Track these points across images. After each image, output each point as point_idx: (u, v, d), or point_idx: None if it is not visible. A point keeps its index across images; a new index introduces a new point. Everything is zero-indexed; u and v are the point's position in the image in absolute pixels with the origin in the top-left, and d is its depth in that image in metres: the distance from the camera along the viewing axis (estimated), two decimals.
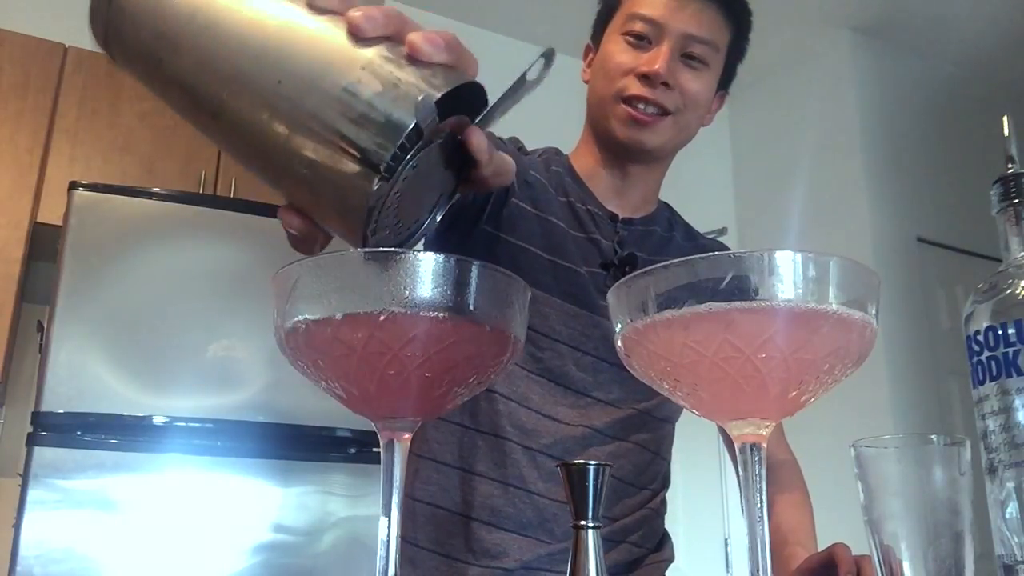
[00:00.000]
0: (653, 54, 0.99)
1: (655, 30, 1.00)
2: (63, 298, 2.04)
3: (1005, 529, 0.60)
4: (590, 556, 0.56)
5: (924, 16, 3.22)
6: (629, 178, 1.07)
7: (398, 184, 0.46)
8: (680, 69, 1.00)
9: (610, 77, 1.01)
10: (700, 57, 1.01)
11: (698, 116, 1.05)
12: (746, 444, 0.46)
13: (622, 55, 1.01)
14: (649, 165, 1.07)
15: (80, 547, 1.90)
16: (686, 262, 0.44)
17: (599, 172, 1.08)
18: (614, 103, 1.01)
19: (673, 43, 0.99)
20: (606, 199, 1.07)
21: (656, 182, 1.12)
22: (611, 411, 1.01)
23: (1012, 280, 0.63)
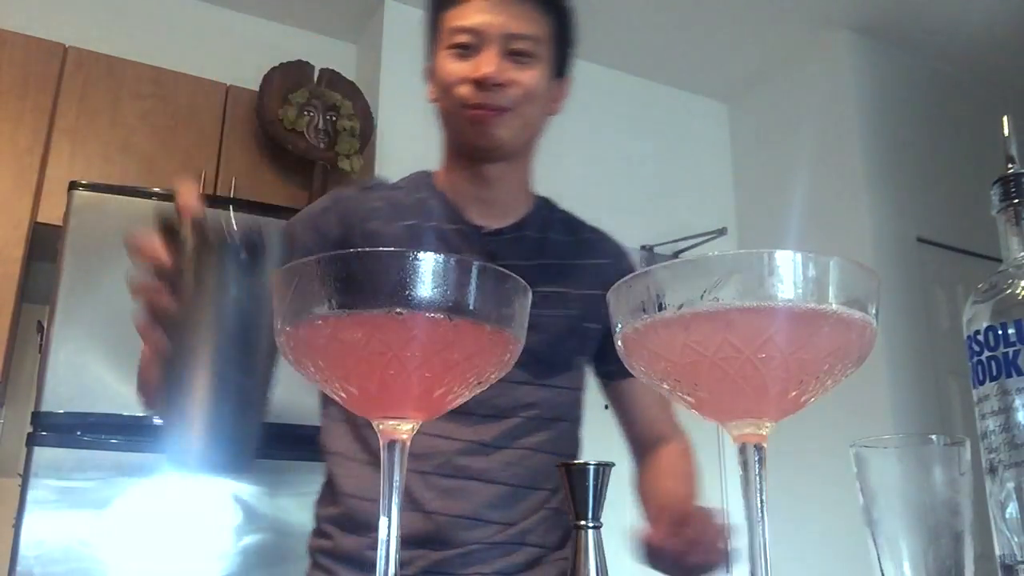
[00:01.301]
0: (479, 60, 1.03)
1: (476, 38, 1.04)
2: (63, 298, 2.04)
3: (1005, 529, 0.60)
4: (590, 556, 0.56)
5: (924, 16, 3.22)
6: (490, 183, 1.10)
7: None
8: (509, 67, 1.04)
9: (448, 91, 1.05)
10: (525, 51, 1.05)
11: (540, 107, 1.09)
12: (746, 444, 0.46)
13: (452, 67, 1.05)
14: (509, 164, 1.10)
15: (80, 547, 1.90)
16: (686, 262, 0.44)
17: (462, 185, 1.11)
18: (460, 112, 1.05)
19: (496, 45, 1.04)
20: (473, 212, 1.11)
21: (521, 182, 1.14)
22: (497, 423, 1.04)
23: (1012, 280, 0.63)
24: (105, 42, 2.75)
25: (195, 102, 2.77)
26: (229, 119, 2.80)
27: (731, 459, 3.28)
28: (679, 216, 3.47)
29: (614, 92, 3.54)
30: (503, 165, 1.09)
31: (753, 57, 3.51)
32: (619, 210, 3.43)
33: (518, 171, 1.13)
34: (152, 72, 2.74)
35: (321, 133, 2.82)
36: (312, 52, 3.04)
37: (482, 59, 1.03)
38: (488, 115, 1.03)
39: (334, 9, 3.23)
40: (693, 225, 3.44)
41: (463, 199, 1.11)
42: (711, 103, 3.82)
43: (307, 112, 2.82)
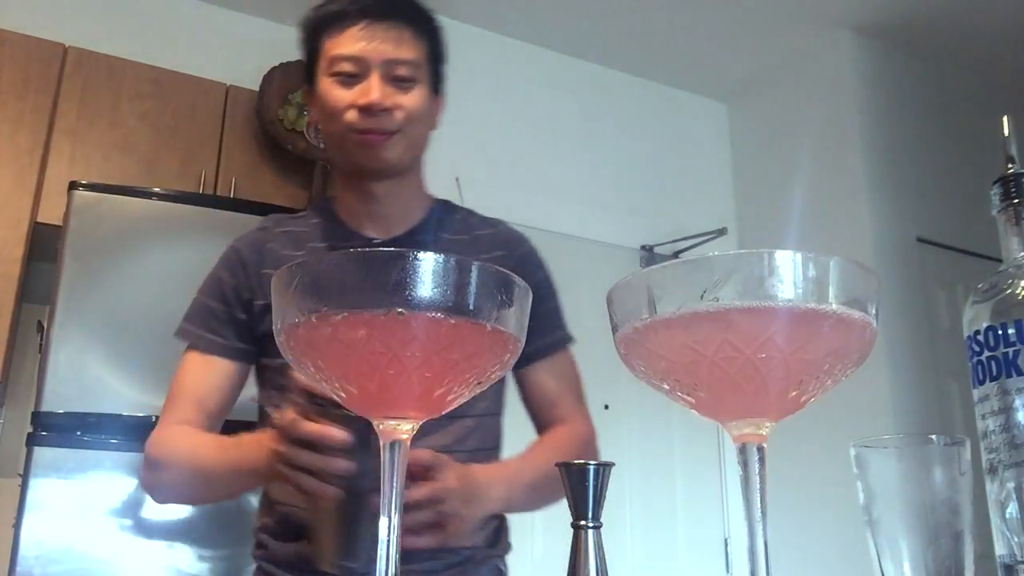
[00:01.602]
0: (364, 87, 1.06)
1: (359, 66, 1.07)
2: (63, 298, 2.04)
3: (1005, 529, 0.60)
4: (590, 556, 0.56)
5: (924, 16, 3.22)
6: (379, 199, 1.14)
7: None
8: (393, 92, 1.07)
9: (334, 116, 1.08)
10: (407, 77, 1.08)
11: (424, 126, 1.13)
12: (746, 444, 0.46)
13: (337, 94, 1.08)
14: (398, 180, 1.13)
15: (80, 547, 1.90)
16: (686, 262, 0.44)
17: (355, 205, 1.16)
18: (347, 136, 1.08)
19: (379, 71, 1.07)
20: (369, 227, 1.15)
21: (412, 192, 1.18)
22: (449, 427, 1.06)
23: (1012, 280, 0.63)
24: (105, 42, 2.75)
25: (195, 102, 2.77)
26: (229, 119, 2.80)
27: (731, 459, 3.28)
28: (679, 216, 3.47)
29: (614, 92, 3.55)
30: (391, 182, 1.13)
31: (753, 57, 3.51)
32: (619, 210, 3.43)
33: (406, 185, 1.16)
34: (152, 72, 2.74)
35: (321, 133, 2.82)
36: None
37: (366, 86, 1.06)
38: (376, 139, 1.07)
39: None
40: (693, 225, 3.44)
41: (356, 216, 1.16)
42: (711, 103, 3.82)
43: (307, 112, 2.82)
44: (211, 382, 1.14)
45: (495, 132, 3.19)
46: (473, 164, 2.92)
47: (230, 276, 1.15)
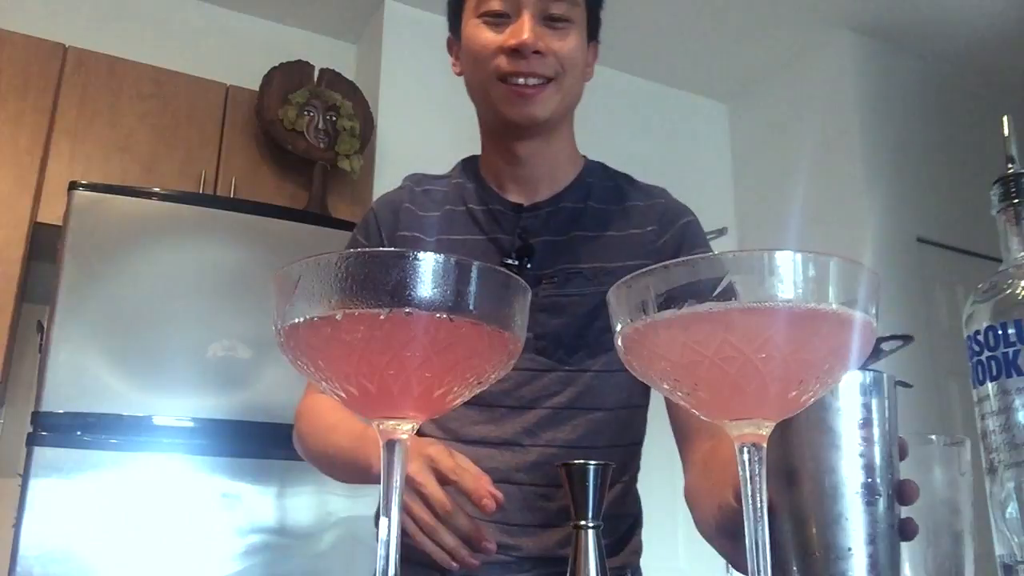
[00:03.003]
0: (516, 26, 0.97)
1: (510, 3, 0.98)
2: (63, 298, 2.04)
3: (1005, 529, 0.60)
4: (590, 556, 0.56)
5: (924, 16, 3.22)
6: (523, 161, 1.05)
7: None
8: (546, 34, 0.98)
9: (480, 61, 0.99)
10: (562, 16, 0.99)
11: (578, 74, 1.03)
12: (746, 444, 0.46)
13: (485, 36, 0.99)
14: (544, 139, 1.04)
15: (80, 547, 1.90)
16: (686, 262, 0.44)
17: (498, 165, 1.07)
18: (493, 85, 0.99)
19: (532, 10, 0.98)
20: (512, 190, 1.06)
21: (559, 152, 1.08)
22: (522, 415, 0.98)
23: (1012, 280, 0.63)
24: (105, 42, 2.75)
25: (195, 102, 2.77)
26: (229, 119, 2.80)
27: None
28: None
29: (614, 92, 3.54)
30: (537, 141, 1.04)
31: (753, 57, 3.51)
32: None
33: (555, 144, 1.06)
34: (152, 72, 2.74)
35: (321, 133, 2.82)
36: (312, 52, 3.04)
37: (518, 25, 0.97)
38: (526, 92, 0.97)
39: (334, 9, 3.23)
40: None
41: (499, 178, 1.07)
42: (711, 103, 3.81)
43: (307, 112, 2.82)
44: None
45: None
46: None
47: (364, 238, 1.09)
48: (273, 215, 2.33)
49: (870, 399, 0.60)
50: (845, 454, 0.58)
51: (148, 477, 1.99)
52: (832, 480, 0.58)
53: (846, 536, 0.57)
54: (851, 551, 0.57)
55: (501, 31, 0.98)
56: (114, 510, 1.94)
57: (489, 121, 1.05)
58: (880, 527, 0.57)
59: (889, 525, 0.58)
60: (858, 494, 0.57)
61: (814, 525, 0.58)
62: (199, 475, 2.04)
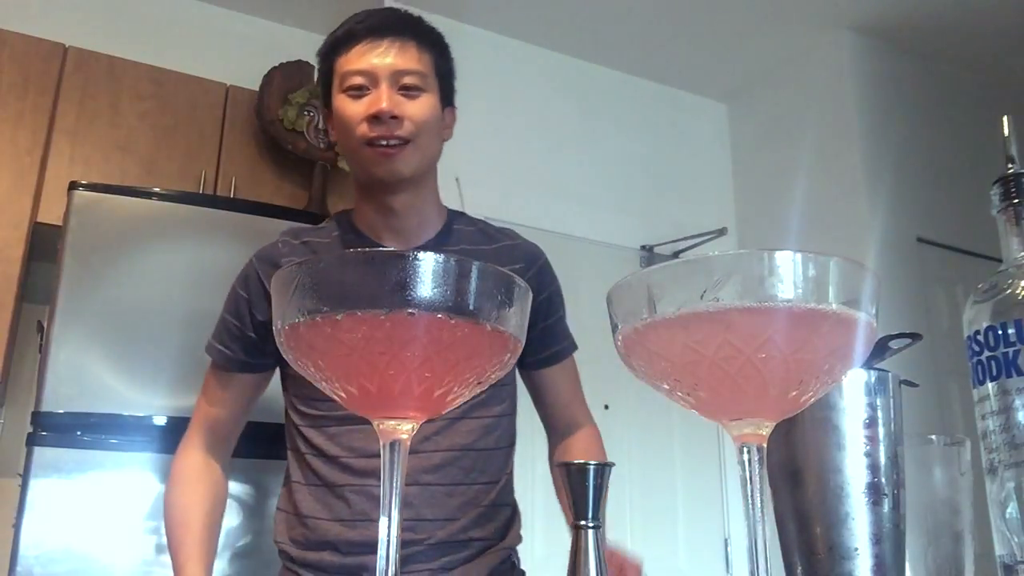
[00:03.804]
0: (374, 96, 1.12)
1: (368, 78, 1.13)
2: (63, 298, 2.04)
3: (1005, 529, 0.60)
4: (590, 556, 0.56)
5: (924, 16, 3.22)
6: (397, 212, 1.18)
7: None
8: (401, 101, 1.12)
9: (348, 130, 1.14)
10: (414, 86, 1.14)
11: (434, 135, 1.17)
12: (746, 444, 0.46)
13: (350, 108, 1.13)
14: (413, 192, 1.17)
15: (80, 547, 1.90)
16: (685, 262, 0.44)
17: (373, 218, 1.20)
18: (360, 149, 1.13)
19: (387, 82, 1.12)
20: (388, 239, 1.19)
21: (427, 203, 1.21)
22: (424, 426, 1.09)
23: (1012, 280, 0.63)
24: (105, 42, 2.75)
25: (195, 102, 2.77)
26: (229, 119, 2.80)
27: (731, 459, 3.28)
28: (679, 216, 3.47)
29: (614, 92, 3.54)
30: (407, 194, 1.17)
31: (753, 57, 3.50)
32: (619, 210, 3.43)
33: (422, 195, 1.20)
34: (152, 72, 2.74)
35: (321, 133, 2.82)
36: (312, 52, 3.01)
37: (376, 95, 1.12)
38: (388, 152, 1.11)
39: (334, 9, 3.22)
40: (693, 225, 3.44)
41: (375, 229, 1.20)
42: (711, 103, 3.81)
43: (307, 112, 2.82)
44: (228, 396, 1.23)
45: (495, 132, 3.19)
46: (473, 164, 2.92)
47: (243, 291, 1.20)
48: (273, 215, 2.33)
49: (875, 398, 0.60)
50: (850, 454, 0.58)
51: (148, 477, 1.99)
52: (837, 480, 0.58)
53: (852, 536, 0.57)
54: (857, 551, 0.57)
55: (362, 101, 1.13)
56: (114, 510, 1.94)
57: (361, 179, 1.18)
58: (886, 527, 0.57)
59: (894, 525, 0.58)
60: (863, 494, 0.57)
61: (819, 525, 0.58)
62: None
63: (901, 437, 0.61)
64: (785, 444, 0.60)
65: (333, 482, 1.14)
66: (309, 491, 1.17)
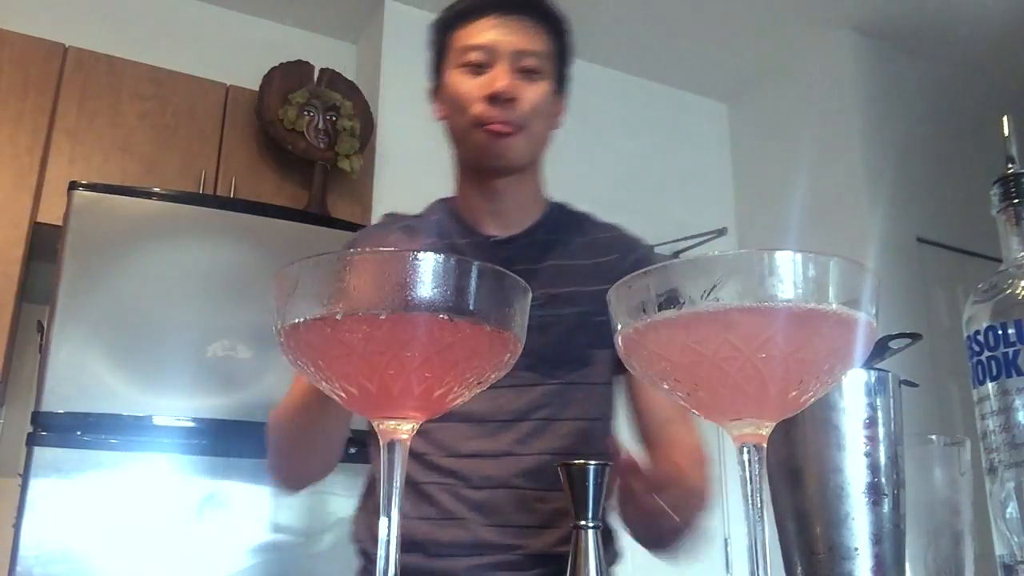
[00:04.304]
0: (493, 75, 1.07)
1: (488, 55, 1.08)
2: (63, 298, 2.04)
3: (1005, 529, 0.60)
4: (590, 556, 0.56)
5: (924, 16, 3.22)
6: (500, 196, 1.14)
7: None
8: (519, 84, 1.07)
9: (461, 108, 1.09)
10: (534, 68, 1.09)
11: (546, 122, 1.13)
12: (746, 444, 0.46)
13: (465, 85, 1.09)
14: (517, 177, 1.13)
15: (80, 547, 1.90)
16: (686, 262, 0.44)
17: (475, 202, 1.16)
18: (472, 130, 1.08)
19: (508, 62, 1.08)
20: (488, 225, 1.15)
21: (530, 190, 1.18)
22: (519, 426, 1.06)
23: (1012, 280, 0.63)
24: (105, 42, 2.75)
25: (195, 102, 2.77)
26: (229, 119, 2.80)
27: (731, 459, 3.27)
28: (679, 216, 3.47)
29: (614, 92, 3.54)
30: (512, 179, 1.13)
31: (753, 57, 3.50)
32: (619, 210, 3.42)
33: (527, 182, 1.16)
34: (152, 72, 2.74)
35: (321, 133, 2.82)
36: (312, 52, 3.03)
37: (494, 74, 1.07)
38: (500, 136, 1.06)
39: (334, 9, 3.23)
40: (693, 225, 3.44)
41: (476, 214, 1.15)
42: (711, 103, 3.81)
43: (307, 112, 2.82)
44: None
45: None
46: None
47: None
48: (273, 215, 2.33)
49: (875, 398, 0.60)
50: (850, 453, 0.58)
51: (148, 477, 1.99)
52: (837, 480, 0.58)
53: (852, 536, 0.57)
54: (857, 551, 0.57)
55: (479, 80, 1.08)
56: (114, 510, 1.94)
57: (467, 161, 1.14)
58: (886, 527, 0.57)
59: (894, 525, 0.58)
60: (863, 494, 0.57)
61: (819, 525, 0.58)
62: (199, 475, 2.04)
63: (901, 437, 0.61)
64: (785, 444, 0.60)
65: (417, 480, 1.07)
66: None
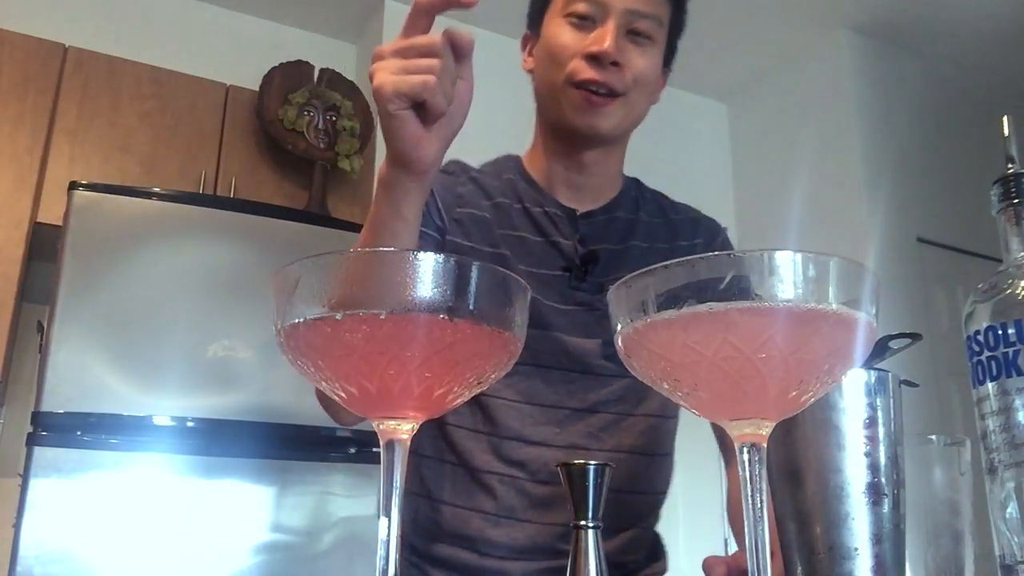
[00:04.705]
0: (599, 33, 0.95)
1: (598, 9, 0.97)
2: (63, 298, 2.04)
3: (1005, 529, 0.60)
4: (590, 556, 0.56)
5: (924, 16, 3.22)
6: (585, 168, 1.04)
7: None
8: (627, 47, 0.97)
9: (557, 62, 0.97)
10: (645, 32, 0.98)
11: (647, 95, 1.02)
12: (746, 444, 0.46)
13: (567, 37, 0.97)
14: (605, 149, 1.04)
15: (80, 547, 1.90)
16: (686, 262, 0.44)
17: (554, 168, 1.05)
18: (565, 89, 0.97)
19: (618, 20, 0.96)
20: (564, 195, 1.05)
21: (616, 164, 1.09)
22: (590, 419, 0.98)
23: (1012, 280, 0.63)
24: (105, 42, 2.75)
25: (195, 102, 2.77)
26: (229, 119, 2.80)
27: None
28: None
29: None
30: (599, 151, 1.03)
31: (753, 57, 3.50)
32: None
33: (613, 156, 1.07)
34: (152, 72, 2.74)
35: (321, 133, 2.82)
36: (312, 52, 3.04)
37: (601, 32, 0.95)
38: (597, 101, 0.96)
39: (334, 9, 3.23)
40: None
41: (553, 182, 1.05)
42: (711, 103, 3.81)
43: (307, 112, 2.82)
44: None
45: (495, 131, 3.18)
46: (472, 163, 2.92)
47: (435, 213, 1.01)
48: (273, 215, 2.33)
49: (875, 398, 0.60)
50: (850, 453, 0.58)
51: (148, 477, 1.99)
52: (837, 480, 0.58)
53: (852, 536, 0.57)
54: (857, 551, 0.57)
55: (583, 35, 0.97)
56: (114, 510, 1.94)
57: (552, 123, 1.03)
58: (886, 527, 0.57)
59: (894, 525, 0.58)
60: (863, 494, 0.57)
61: (819, 525, 0.58)
62: (199, 475, 2.04)
63: (901, 437, 0.61)
64: (785, 444, 0.60)
65: (477, 466, 0.96)
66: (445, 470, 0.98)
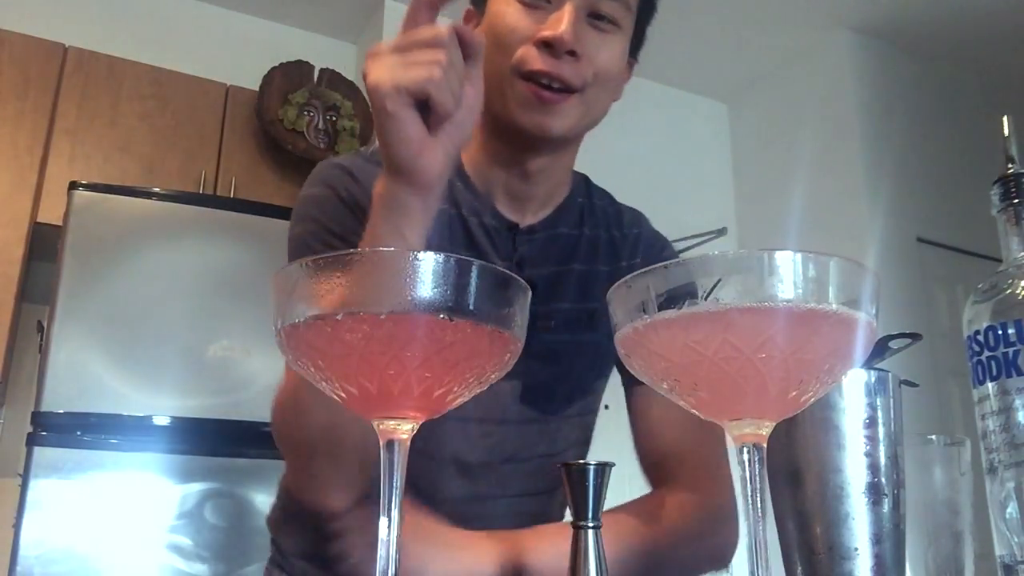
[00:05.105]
0: (555, 16, 0.79)
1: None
2: (63, 298, 2.04)
3: (1005, 529, 0.60)
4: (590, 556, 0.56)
5: (924, 16, 3.22)
6: (530, 177, 0.88)
7: None
8: (588, 34, 0.81)
9: (503, 47, 0.80)
10: (610, 16, 0.83)
11: (609, 91, 0.87)
12: (746, 444, 0.46)
13: (517, 19, 0.80)
14: (555, 154, 0.88)
15: (80, 547, 1.90)
16: (686, 262, 0.44)
17: (495, 172, 0.88)
18: (512, 80, 0.80)
19: (578, 1, 0.80)
20: (504, 204, 0.89)
21: (565, 170, 0.93)
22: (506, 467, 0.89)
23: (1012, 280, 0.63)
24: (105, 42, 2.75)
25: (195, 102, 2.77)
26: (229, 119, 2.80)
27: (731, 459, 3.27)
28: (679, 216, 3.47)
29: None
30: (549, 157, 0.87)
31: (753, 57, 3.50)
32: None
33: (564, 160, 0.91)
34: (152, 72, 2.74)
35: (321, 133, 2.82)
36: (312, 52, 3.04)
37: (558, 15, 0.79)
38: (548, 97, 0.80)
39: (334, 9, 3.23)
40: (693, 225, 3.44)
41: (490, 186, 0.89)
42: (711, 103, 3.81)
43: (307, 112, 2.82)
44: None
45: None
46: None
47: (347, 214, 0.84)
48: (273, 215, 2.33)
49: (875, 398, 0.60)
50: (850, 453, 0.58)
51: (148, 477, 1.99)
52: (837, 480, 0.58)
53: (852, 536, 0.57)
54: (857, 551, 0.57)
55: (537, 17, 0.80)
56: (114, 510, 1.94)
57: (493, 119, 0.84)
58: (886, 527, 0.57)
59: (894, 525, 0.58)
60: (863, 494, 0.57)
61: (819, 525, 0.58)
62: (198, 475, 2.04)
63: (901, 437, 0.61)
64: (785, 444, 0.60)
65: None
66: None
